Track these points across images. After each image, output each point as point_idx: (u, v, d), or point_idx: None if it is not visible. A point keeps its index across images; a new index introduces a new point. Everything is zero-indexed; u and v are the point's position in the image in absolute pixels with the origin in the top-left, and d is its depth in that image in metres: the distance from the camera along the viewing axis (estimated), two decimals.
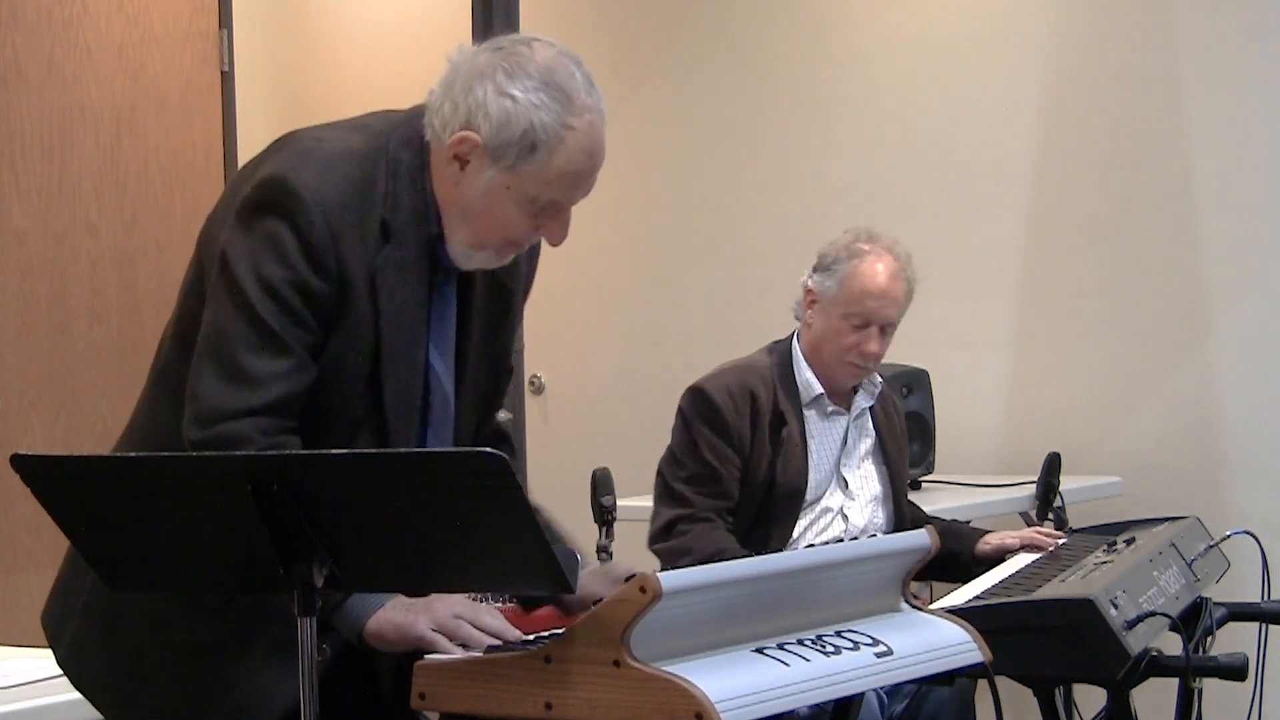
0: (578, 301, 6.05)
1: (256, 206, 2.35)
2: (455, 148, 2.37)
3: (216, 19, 5.32)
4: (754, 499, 3.88)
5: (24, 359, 4.83)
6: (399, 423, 2.41)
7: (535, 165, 2.35)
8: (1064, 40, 5.43)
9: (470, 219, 2.40)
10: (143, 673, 2.43)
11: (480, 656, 2.21)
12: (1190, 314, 5.27)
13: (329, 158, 2.37)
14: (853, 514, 3.96)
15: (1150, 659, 3.19)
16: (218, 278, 2.36)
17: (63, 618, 2.50)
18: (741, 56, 5.89)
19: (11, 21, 4.82)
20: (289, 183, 2.33)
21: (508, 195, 2.37)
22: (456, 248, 2.43)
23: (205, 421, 2.32)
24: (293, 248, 2.32)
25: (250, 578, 2.14)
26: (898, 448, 4.10)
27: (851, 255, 3.93)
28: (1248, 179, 5.19)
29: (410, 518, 2.07)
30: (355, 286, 2.36)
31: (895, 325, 3.95)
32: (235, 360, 2.32)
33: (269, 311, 2.32)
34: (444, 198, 2.41)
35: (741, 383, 3.94)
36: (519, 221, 2.40)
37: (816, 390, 3.95)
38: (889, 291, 3.91)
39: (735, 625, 2.20)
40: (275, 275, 2.32)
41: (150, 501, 2.12)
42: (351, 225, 2.35)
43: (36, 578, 4.68)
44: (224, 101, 5.34)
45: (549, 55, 2.37)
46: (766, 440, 3.89)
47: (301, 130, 2.47)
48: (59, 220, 4.92)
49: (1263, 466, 5.18)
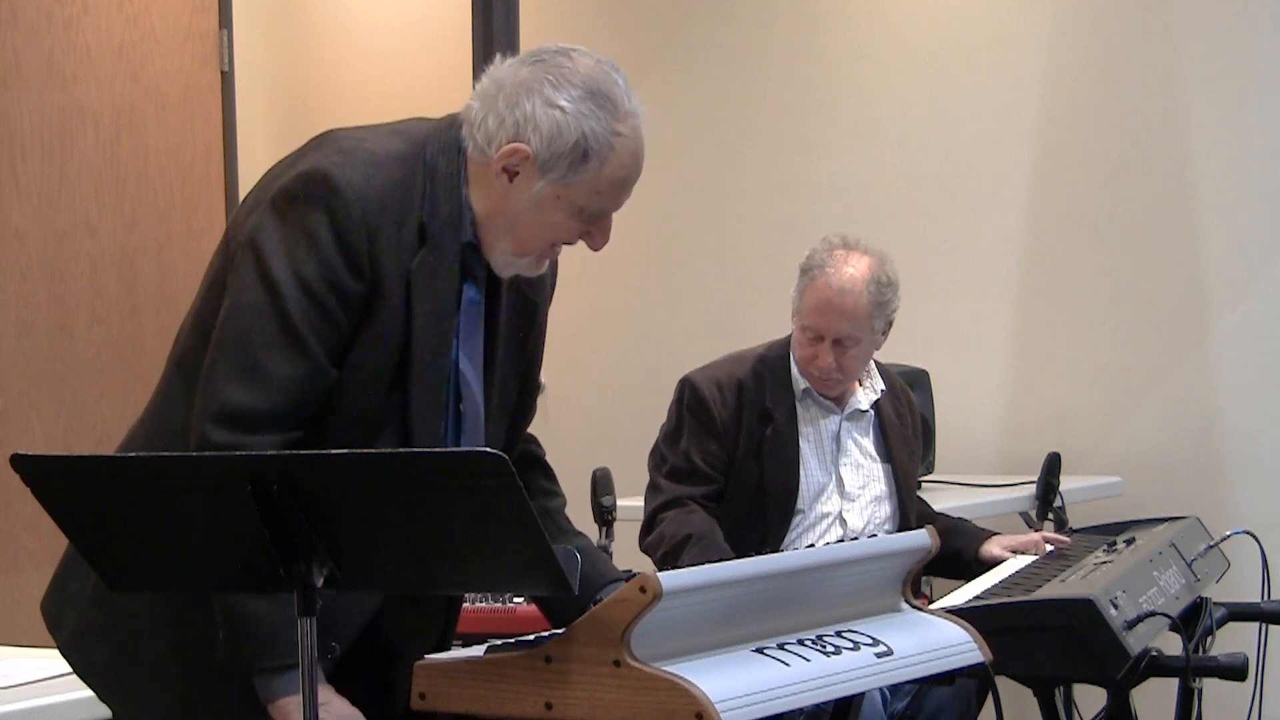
0: (577, 301, 6.04)
1: (295, 197, 2.34)
2: (504, 160, 2.37)
3: (216, 19, 5.32)
4: (745, 496, 3.87)
5: (24, 359, 4.83)
6: (423, 426, 2.40)
7: (588, 175, 2.37)
8: (1064, 40, 5.43)
9: (516, 229, 2.40)
10: (148, 663, 2.43)
11: (480, 657, 2.21)
12: (1190, 314, 5.27)
13: (371, 157, 2.37)
14: (851, 517, 3.93)
15: (1150, 659, 3.18)
16: (243, 265, 2.35)
17: (63, 606, 2.49)
18: (741, 56, 5.89)
19: (11, 21, 4.82)
20: (332, 177, 2.33)
21: (558, 205, 2.38)
22: (499, 256, 2.43)
23: (222, 420, 2.30)
24: (329, 244, 2.31)
25: (250, 578, 2.14)
26: (906, 448, 4.06)
27: (813, 266, 3.89)
28: (1248, 179, 5.19)
29: (410, 518, 2.06)
30: (387, 288, 2.35)
31: (855, 338, 3.85)
32: (256, 357, 2.31)
33: (298, 308, 2.31)
34: (488, 209, 2.41)
35: (731, 375, 3.94)
36: (567, 229, 2.41)
37: (804, 384, 3.93)
38: (837, 306, 3.83)
39: (735, 625, 2.20)
40: (310, 271, 2.31)
41: (150, 501, 2.12)
42: (389, 226, 2.34)
43: (36, 578, 4.68)
44: (224, 101, 5.34)
45: (589, 64, 2.39)
46: (753, 434, 3.88)
47: (339, 130, 2.46)
48: (59, 220, 4.92)
49: (1263, 466, 5.17)
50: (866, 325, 3.86)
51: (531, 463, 2.68)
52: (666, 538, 3.79)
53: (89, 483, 2.14)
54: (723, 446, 3.89)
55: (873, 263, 3.88)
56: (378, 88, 6.24)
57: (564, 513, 2.68)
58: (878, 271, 3.88)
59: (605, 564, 2.62)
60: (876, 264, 3.89)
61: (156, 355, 5.16)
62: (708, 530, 3.79)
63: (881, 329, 3.91)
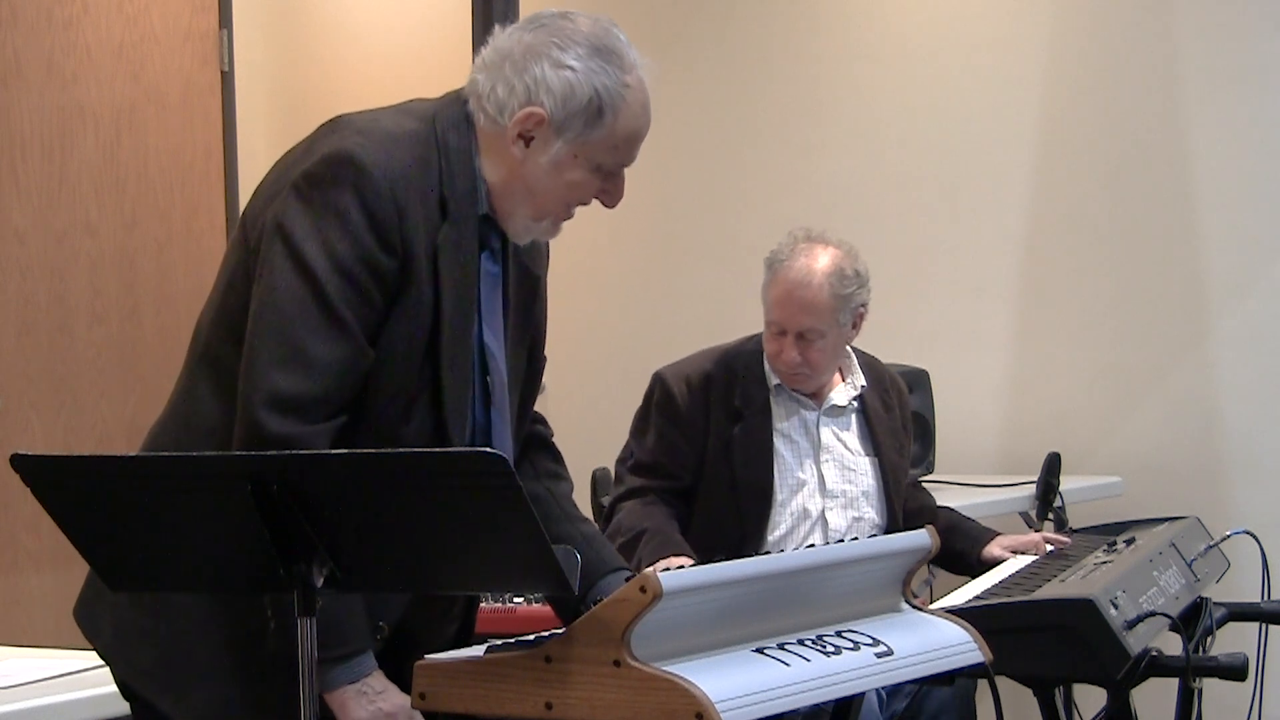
0: (577, 301, 6.05)
1: (320, 180, 2.33)
2: (520, 126, 2.39)
3: (216, 19, 5.32)
4: (719, 494, 3.82)
5: (24, 359, 4.83)
6: (454, 399, 2.42)
7: (603, 130, 2.39)
8: (1064, 40, 5.43)
9: (536, 194, 2.42)
10: (199, 660, 2.42)
11: (480, 657, 2.21)
12: (1190, 314, 5.27)
13: (390, 135, 2.38)
14: (833, 516, 3.87)
15: (1150, 659, 3.18)
16: (273, 251, 2.34)
17: (98, 612, 2.48)
18: (741, 56, 5.89)
19: (11, 21, 4.82)
20: (357, 157, 2.33)
21: (576, 164, 2.41)
22: (518, 223, 2.44)
23: (275, 407, 2.30)
24: (359, 222, 2.32)
25: (250, 578, 2.14)
26: (894, 441, 4.00)
27: (776, 260, 3.87)
28: (1248, 179, 5.19)
29: (410, 518, 2.06)
30: (417, 262, 2.36)
31: (819, 331, 3.81)
32: (299, 341, 2.31)
33: (337, 289, 2.31)
34: (504, 177, 2.42)
35: (702, 371, 3.90)
36: (587, 188, 2.44)
37: (776, 380, 3.89)
38: (798, 299, 3.80)
39: (735, 625, 2.20)
40: (344, 251, 2.31)
41: (150, 501, 2.12)
42: (415, 202, 2.35)
43: (36, 578, 4.68)
44: (224, 101, 5.34)
45: (589, 23, 2.43)
46: (722, 432, 3.84)
47: (350, 114, 2.46)
48: (59, 220, 4.92)
49: (1263, 466, 5.18)
50: (830, 318, 3.81)
51: (539, 445, 2.69)
52: (623, 529, 3.76)
53: (89, 483, 2.14)
54: (690, 444, 3.85)
55: (836, 255, 3.85)
56: (378, 88, 6.24)
57: (570, 498, 2.68)
58: (841, 264, 3.83)
59: (609, 552, 2.63)
60: (840, 256, 3.85)
61: (156, 355, 5.17)
62: (663, 524, 3.76)
63: (848, 322, 3.85)
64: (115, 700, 2.54)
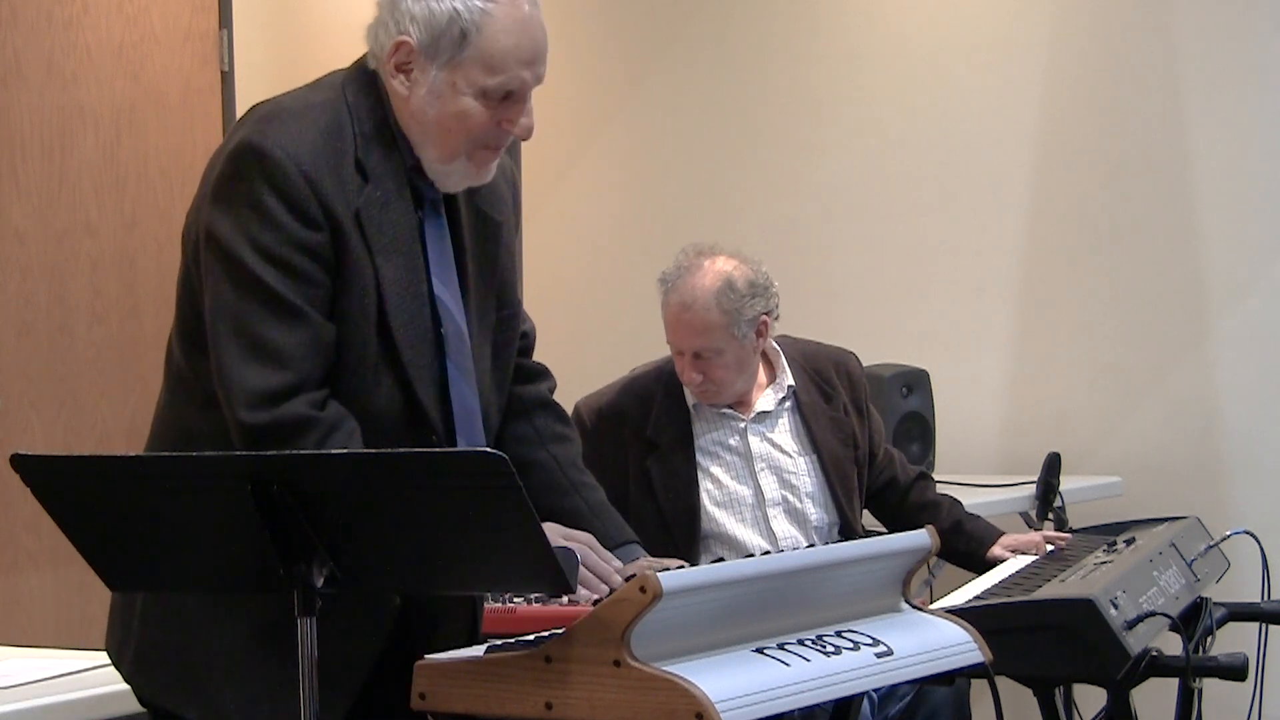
0: (576, 300, 6.05)
1: (230, 177, 2.38)
2: (393, 59, 2.42)
3: (216, 19, 5.32)
4: (649, 527, 3.63)
5: (24, 359, 4.82)
6: (414, 357, 2.43)
7: (472, 52, 2.40)
8: (1064, 40, 5.43)
9: (430, 130, 2.43)
10: (220, 661, 2.42)
11: (480, 657, 2.21)
12: (1190, 314, 5.27)
13: (291, 114, 2.42)
14: (778, 525, 3.78)
15: (1150, 659, 3.19)
16: (209, 259, 2.38)
17: (122, 639, 2.49)
18: (741, 56, 5.88)
19: (11, 21, 4.82)
20: (256, 144, 2.37)
21: (455, 92, 2.41)
22: (433, 167, 2.46)
23: (253, 404, 2.32)
24: (276, 208, 2.35)
25: (250, 578, 2.14)
26: (839, 431, 3.88)
27: (665, 281, 3.82)
28: (1248, 179, 5.19)
29: (410, 517, 2.06)
30: (345, 230, 2.38)
31: (715, 349, 3.74)
32: (257, 336, 2.34)
33: (276, 279, 2.34)
34: (404, 120, 2.45)
35: (615, 404, 3.86)
36: (478, 117, 2.43)
37: (693, 399, 3.83)
38: (686, 322, 3.75)
39: (735, 625, 2.20)
40: (270, 241, 2.34)
41: (150, 501, 2.12)
42: (327, 171, 2.38)
43: (36, 578, 4.68)
44: (224, 101, 5.34)
45: None
46: (639, 465, 3.79)
47: (260, 102, 2.51)
48: (59, 220, 4.92)
49: (1263, 466, 5.17)
50: (723, 335, 3.75)
51: (541, 405, 2.70)
52: None
53: (89, 483, 2.14)
54: (611, 479, 3.55)
55: (724, 270, 3.76)
56: None
57: (576, 462, 2.69)
58: (729, 277, 3.75)
59: (615, 523, 2.64)
60: (730, 270, 3.77)
61: (156, 355, 5.13)
62: None
63: (747, 333, 3.76)
64: (115, 700, 2.55)
